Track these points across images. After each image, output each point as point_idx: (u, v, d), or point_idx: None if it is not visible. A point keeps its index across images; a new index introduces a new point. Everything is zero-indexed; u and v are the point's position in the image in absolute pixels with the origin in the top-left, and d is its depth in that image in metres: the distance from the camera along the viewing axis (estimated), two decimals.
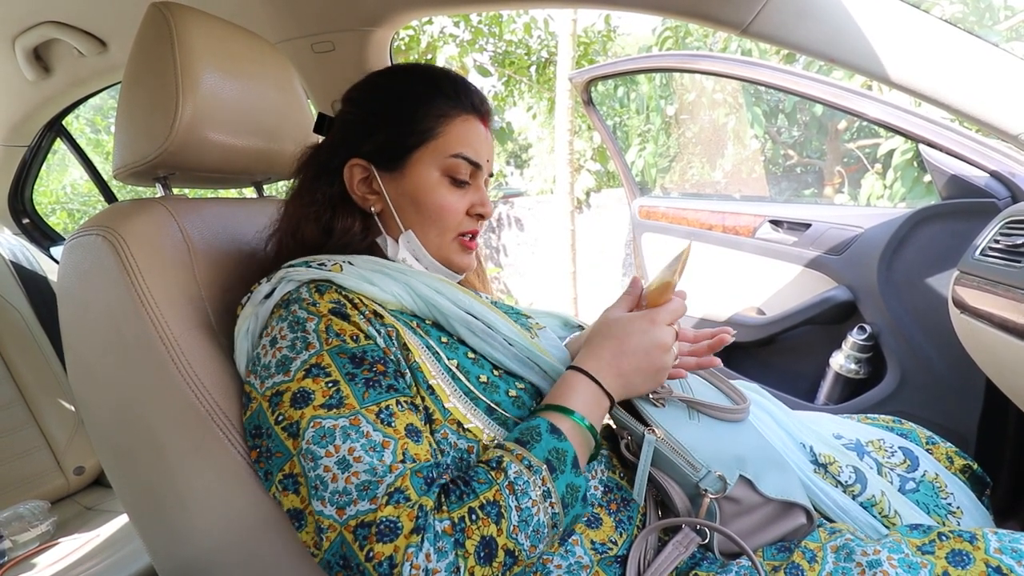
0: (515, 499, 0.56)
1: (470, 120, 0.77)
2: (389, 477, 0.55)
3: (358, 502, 0.54)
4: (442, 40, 4.96)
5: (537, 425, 0.61)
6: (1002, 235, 0.97)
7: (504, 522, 0.55)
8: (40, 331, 1.61)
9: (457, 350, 0.69)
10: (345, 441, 0.56)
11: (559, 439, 0.61)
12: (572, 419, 0.63)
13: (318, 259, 0.71)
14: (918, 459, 0.84)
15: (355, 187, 0.76)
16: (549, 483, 0.58)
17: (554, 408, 0.64)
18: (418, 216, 0.76)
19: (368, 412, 0.58)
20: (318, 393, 0.59)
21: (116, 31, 1.31)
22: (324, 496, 0.55)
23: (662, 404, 0.71)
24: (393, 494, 0.54)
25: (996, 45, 1.00)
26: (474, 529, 0.54)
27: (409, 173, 0.75)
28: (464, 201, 0.77)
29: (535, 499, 0.57)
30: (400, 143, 0.75)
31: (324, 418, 0.57)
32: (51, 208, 6.14)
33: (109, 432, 0.80)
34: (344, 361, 0.60)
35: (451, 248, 0.78)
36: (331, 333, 0.62)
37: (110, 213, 0.76)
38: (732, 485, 0.65)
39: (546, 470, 0.58)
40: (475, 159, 0.76)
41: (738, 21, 1.01)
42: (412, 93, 0.76)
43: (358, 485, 0.54)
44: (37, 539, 1.33)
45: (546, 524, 0.57)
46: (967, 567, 0.56)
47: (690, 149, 5.93)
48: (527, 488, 0.57)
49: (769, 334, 1.70)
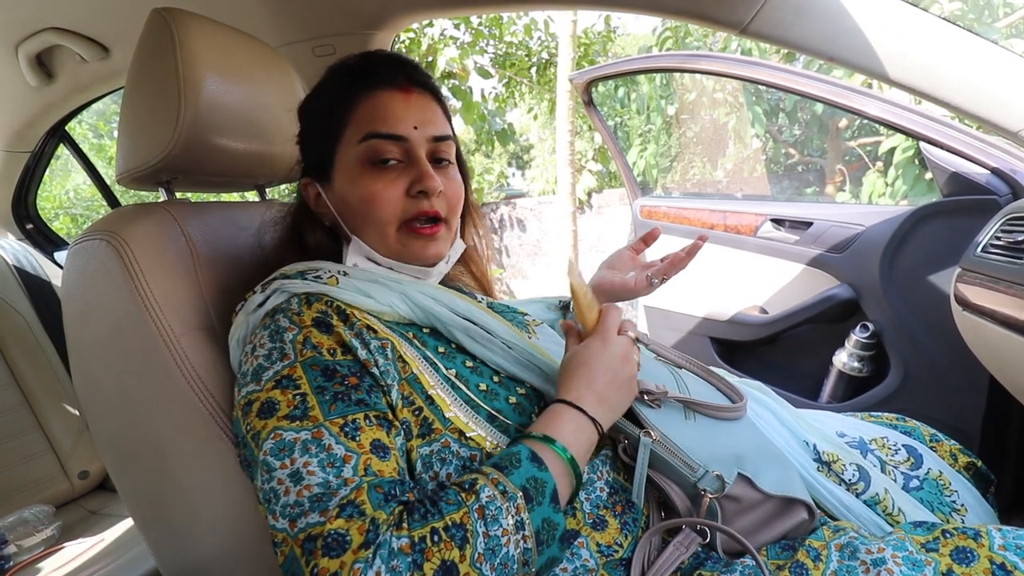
0: (484, 525, 0.52)
1: (377, 95, 0.70)
2: (344, 490, 0.52)
3: (309, 514, 0.51)
4: (443, 42, 4.97)
5: (517, 452, 0.58)
6: (1003, 232, 0.97)
7: (468, 548, 0.50)
8: (44, 336, 1.61)
9: (455, 359, 0.69)
10: (303, 455, 0.53)
11: (539, 468, 0.57)
12: (554, 449, 0.59)
13: (315, 269, 0.70)
14: (922, 457, 0.84)
15: (313, 204, 0.76)
16: (524, 513, 0.54)
17: (536, 437, 0.60)
18: (355, 219, 0.72)
19: (332, 424, 0.56)
20: (283, 404, 0.57)
21: (118, 37, 1.31)
22: (275, 509, 0.53)
23: (657, 405, 0.71)
24: (345, 507, 0.51)
25: (995, 42, 1.00)
26: (435, 551, 0.49)
27: (336, 175, 0.73)
28: (397, 184, 0.70)
29: (506, 528, 0.52)
30: (323, 149, 0.73)
31: (285, 430, 0.55)
32: (55, 213, 6.16)
33: (113, 436, 0.80)
34: (316, 374, 0.59)
35: (400, 240, 0.72)
36: (308, 345, 0.60)
37: (113, 218, 0.77)
38: (731, 484, 0.65)
39: (522, 498, 0.54)
40: (391, 131, 0.69)
41: (737, 21, 1.01)
42: (323, 94, 0.74)
43: (310, 497, 0.51)
44: (42, 544, 1.33)
45: (516, 559, 0.52)
46: (971, 564, 0.56)
47: (691, 149, 5.93)
48: (498, 515, 0.52)
49: (772, 333, 1.70)
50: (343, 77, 0.73)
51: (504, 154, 8.13)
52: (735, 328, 1.80)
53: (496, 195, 7.23)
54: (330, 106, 0.72)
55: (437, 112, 0.74)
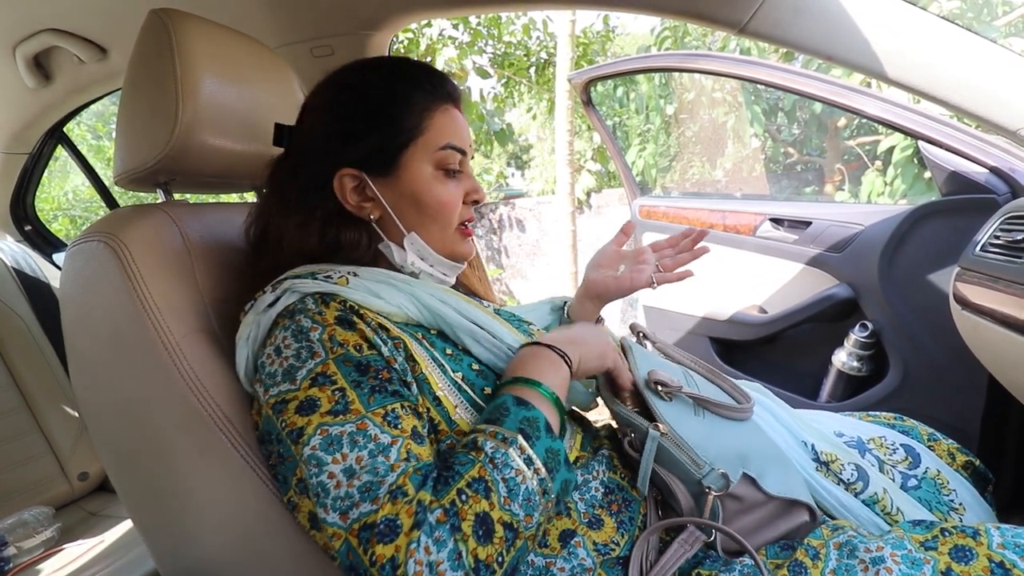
0: (498, 471, 0.56)
1: (449, 109, 0.76)
2: (391, 476, 0.55)
3: (360, 504, 0.53)
4: (441, 43, 4.97)
5: (503, 402, 0.62)
6: (1002, 231, 0.97)
7: (494, 495, 0.55)
8: (43, 337, 1.61)
9: (462, 362, 0.69)
10: (352, 448, 0.56)
11: (527, 409, 0.61)
12: (538, 390, 0.63)
13: (323, 270, 0.70)
14: (920, 456, 0.84)
15: (348, 197, 0.74)
16: (528, 450, 0.58)
17: (517, 381, 0.64)
18: (420, 216, 0.75)
19: (375, 415, 0.58)
20: (324, 400, 0.58)
21: (116, 38, 1.31)
22: (327, 503, 0.54)
23: (670, 398, 0.71)
24: (394, 492, 0.54)
25: (994, 41, 1.00)
26: (466, 509, 0.54)
27: (403, 174, 0.74)
28: (459, 191, 0.77)
29: (518, 468, 0.57)
30: (389, 145, 0.73)
31: (331, 425, 0.57)
32: (53, 215, 6.15)
33: (113, 437, 0.80)
34: (349, 369, 0.61)
35: (454, 240, 0.78)
36: (335, 342, 0.62)
37: (112, 219, 0.77)
38: (735, 482, 0.65)
39: (521, 439, 0.58)
40: (461, 146, 0.76)
41: (735, 20, 1.01)
42: (389, 91, 0.74)
43: (360, 487, 0.54)
44: (42, 545, 1.33)
45: (536, 491, 0.57)
46: (970, 563, 0.56)
47: (690, 148, 5.93)
48: (507, 459, 0.57)
49: (771, 332, 1.70)
50: (420, 80, 0.75)
51: (503, 154, 8.13)
52: (734, 328, 1.80)
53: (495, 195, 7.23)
54: (405, 107, 0.73)
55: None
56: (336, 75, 0.77)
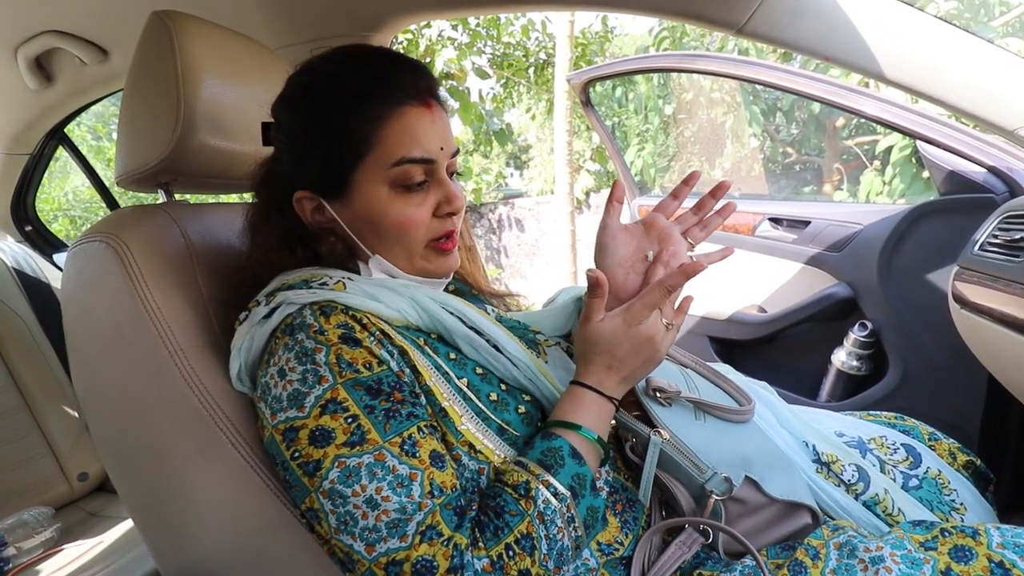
0: (544, 528, 0.57)
1: (407, 110, 0.66)
2: (419, 515, 0.54)
3: (388, 540, 0.53)
4: (440, 44, 4.97)
5: (560, 448, 0.61)
6: (1000, 230, 0.97)
7: (537, 553, 0.56)
8: (43, 338, 1.61)
9: (466, 367, 0.67)
10: (372, 480, 0.55)
11: (580, 464, 0.61)
12: (588, 439, 0.63)
13: (318, 276, 0.67)
14: (921, 456, 0.84)
15: (309, 217, 0.70)
16: (573, 510, 0.59)
17: (569, 426, 0.63)
18: (379, 240, 0.70)
19: (392, 445, 0.57)
20: (339, 431, 0.56)
21: (117, 40, 1.31)
22: (354, 531, 0.54)
23: (669, 404, 0.71)
24: (426, 532, 0.54)
25: (991, 41, 1.00)
26: (511, 565, 0.55)
27: (356, 196, 0.68)
28: (425, 207, 0.69)
29: (560, 526, 0.58)
30: (336, 165, 0.67)
31: (348, 457, 0.56)
32: (53, 215, 6.14)
33: (113, 437, 0.80)
34: (360, 393, 0.58)
35: (425, 257, 0.71)
36: (343, 364, 0.59)
37: (113, 219, 0.77)
38: (738, 486, 0.65)
39: (571, 497, 0.59)
40: (423, 155, 0.66)
41: (733, 21, 1.02)
42: (334, 103, 0.66)
43: (388, 523, 0.54)
44: (41, 546, 1.33)
45: (570, 547, 0.59)
46: (970, 562, 0.56)
47: (689, 148, 5.93)
48: (555, 517, 0.58)
49: (770, 332, 1.70)
50: (368, 84, 0.66)
51: (502, 154, 8.13)
52: (734, 327, 1.80)
53: (494, 195, 7.23)
54: (351, 120, 0.65)
55: (450, 126, 0.72)
56: (294, 76, 0.71)
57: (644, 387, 0.71)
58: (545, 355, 0.75)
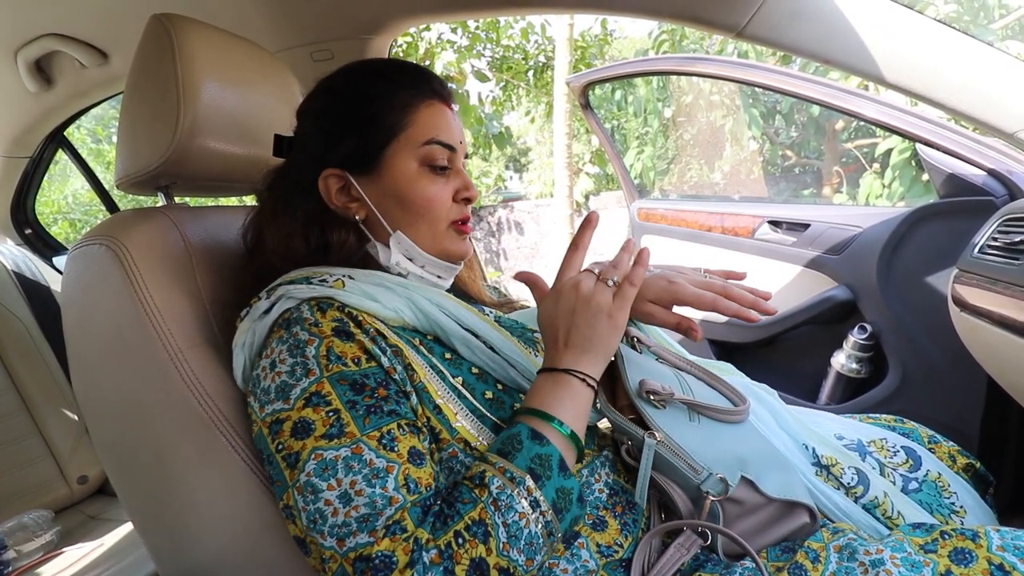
0: (500, 515, 0.55)
1: (435, 104, 0.75)
2: (389, 510, 0.54)
3: (357, 534, 0.53)
4: (440, 46, 4.98)
5: (518, 432, 0.60)
6: (1000, 232, 0.97)
7: (492, 540, 0.54)
8: (43, 341, 1.61)
9: (461, 366, 0.68)
10: (347, 474, 0.55)
11: (541, 444, 0.59)
12: (552, 425, 0.61)
13: (319, 273, 0.69)
14: (921, 459, 0.84)
15: (333, 198, 0.74)
16: (536, 492, 0.57)
17: (533, 412, 0.62)
18: (405, 214, 0.74)
19: (370, 439, 0.57)
20: (318, 423, 0.57)
21: (117, 43, 1.32)
22: (323, 529, 0.54)
23: (663, 406, 0.71)
24: (391, 527, 0.53)
25: (991, 44, 1.00)
26: (462, 554, 0.53)
27: (386, 171, 0.73)
28: (448, 188, 0.75)
29: (522, 511, 0.56)
30: (370, 143, 0.73)
31: (326, 449, 0.56)
32: (53, 218, 6.15)
33: (113, 440, 0.80)
34: (344, 388, 0.59)
35: (446, 237, 0.76)
36: (332, 357, 0.60)
37: (113, 222, 0.77)
38: (734, 487, 0.65)
39: (530, 479, 0.57)
40: (449, 142, 0.74)
41: (733, 24, 1.02)
42: (370, 90, 0.73)
43: (358, 518, 0.54)
44: (41, 549, 1.33)
45: (540, 535, 0.56)
46: (970, 565, 0.56)
47: (688, 151, 5.94)
48: (511, 502, 0.56)
49: (770, 334, 1.70)
50: (402, 78, 0.74)
51: (501, 157, 8.15)
52: (733, 330, 1.80)
53: (494, 198, 7.24)
54: (386, 104, 0.72)
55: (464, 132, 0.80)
56: (324, 80, 0.78)
57: (638, 390, 0.71)
58: (542, 352, 0.76)
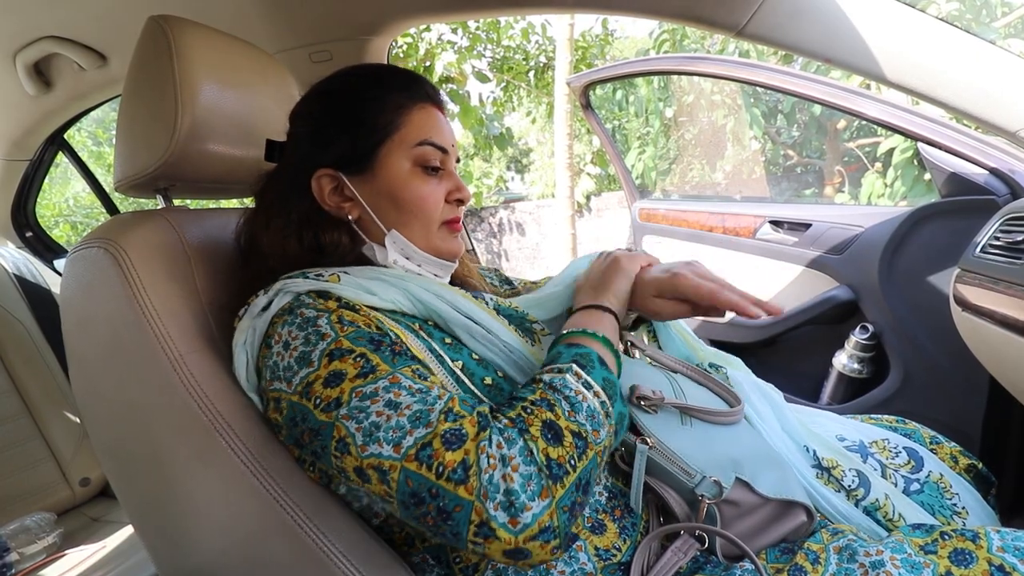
0: (558, 393, 0.59)
1: (427, 107, 0.77)
2: (439, 404, 0.57)
3: (413, 431, 0.55)
4: (440, 47, 4.98)
5: (556, 350, 0.66)
6: (1002, 232, 0.97)
7: (558, 408, 0.58)
8: (44, 343, 1.61)
9: (461, 351, 0.68)
10: (388, 392, 0.57)
11: (580, 347, 0.64)
12: (585, 335, 0.66)
13: (314, 270, 0.70)
14: (922, 459, 0.83)
15: (327, 198, 0.75)
16: (585, 375, 0.61)
17: (567, 333, 0.68)
18: (399, 214, 0.75)
19: (404, 371, 0.59)
20: (349, 368, 0.59)
21: (116, 45, 1.32)
22: (379, 437, 0.55)
23: (654, 411, 0.71)
24: (448, 413, 0.56)
25: (993, 42, 1.00)
26: (532, 419, 0.57)
27: (380, 171, 0.74)
28: (440, 189, 0.77)
29: (577, 389, 0.60)
30: (363, 143, 0.74)
31: (364, 385, 0.58)
32: (54, 221, 6.17)
33: (113, 443, 0.80)
34: (364, 341, 0.61)
35: (438, 237, 0.78)
36: (344, 323, 0.62)
37: (112, 225, 0.77)
38: (728, 489, 0.65)
39: (576, 367, 0.61)
40: (442, 144, 0.76)
41: (733, 23, 1.02)
42: (364, 92, 0.75)
43: (410, 417, 0.55)
44: (44, 551, 1.33)
45: (598, 410, 0.60)
46: (970, 566, 0.56)
47: (690, 151, 5.94)
48: (566, 384, 0.60)
49: (771, 334, 1.70)
50: (394, 81, 0.77)
51: (503, 158, 8.15)
52: (734, 330, 1.80)
53: (495, 199, 7.24)
54: (379, 106, 0.74)
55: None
56: (317, 84, 0.79)
57: (629, 395, 0.71)
58: (540, 343, 0.77)
